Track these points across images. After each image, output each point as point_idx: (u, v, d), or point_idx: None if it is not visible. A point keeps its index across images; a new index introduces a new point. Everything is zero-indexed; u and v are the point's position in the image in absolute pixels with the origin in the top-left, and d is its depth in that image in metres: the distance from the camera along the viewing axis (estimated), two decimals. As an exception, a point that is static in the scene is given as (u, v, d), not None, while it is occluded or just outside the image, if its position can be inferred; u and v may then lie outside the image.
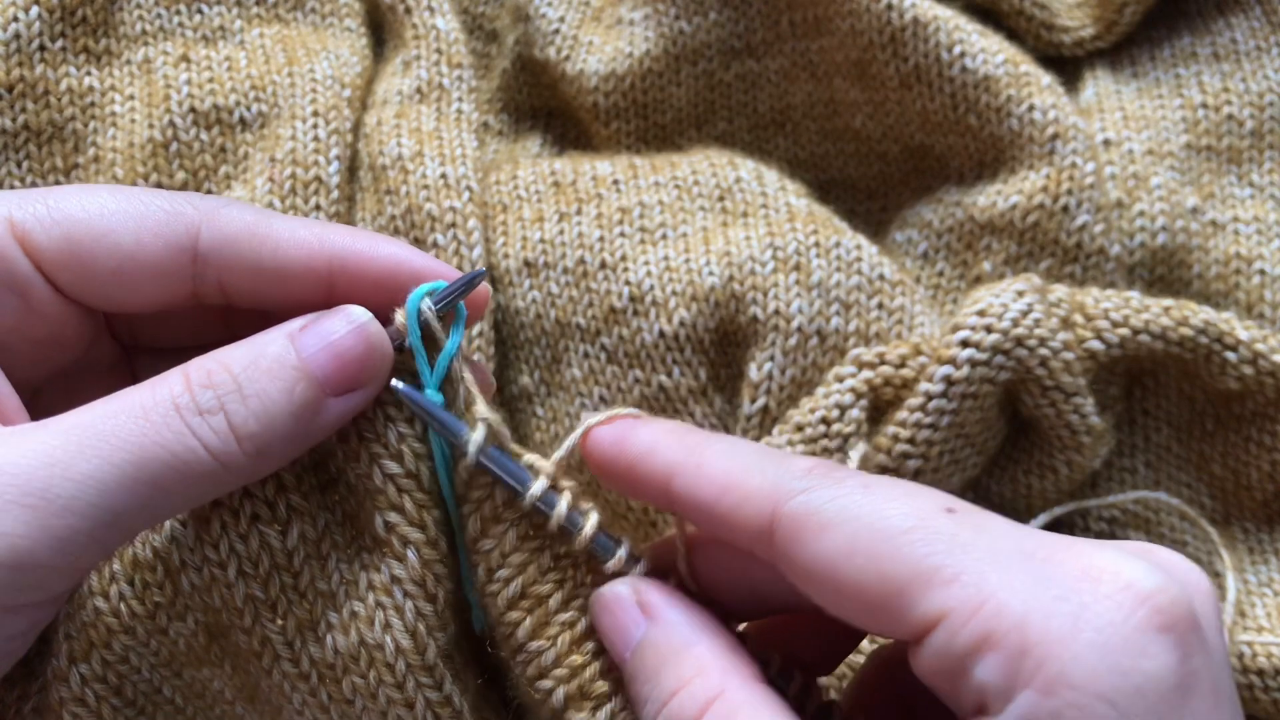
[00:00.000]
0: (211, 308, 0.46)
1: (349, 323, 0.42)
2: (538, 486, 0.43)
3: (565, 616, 0.44)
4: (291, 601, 0.44)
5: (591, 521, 0.43)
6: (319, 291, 0.44)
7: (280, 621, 0.44)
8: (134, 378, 0.48)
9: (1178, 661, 0.34)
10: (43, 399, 0.44)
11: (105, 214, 0.43)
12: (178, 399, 0.39)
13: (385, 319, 0.43)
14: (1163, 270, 0.67)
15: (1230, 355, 0.58)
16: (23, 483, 0.36)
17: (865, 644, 0.50)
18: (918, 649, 0.36)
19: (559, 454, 0.44)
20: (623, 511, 0.61)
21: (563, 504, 0.43)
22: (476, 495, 0.43)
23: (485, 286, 0.45)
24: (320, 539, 0.44)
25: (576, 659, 0.43)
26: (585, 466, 0.45)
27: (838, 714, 0.44)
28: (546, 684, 0.43)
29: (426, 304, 0.43)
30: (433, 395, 0.43)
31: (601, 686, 0.43)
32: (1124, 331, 0.57)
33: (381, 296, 0.44)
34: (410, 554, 0.43)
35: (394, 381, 0.43)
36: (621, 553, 0.43)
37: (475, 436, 0.43)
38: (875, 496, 0.38)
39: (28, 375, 0.43)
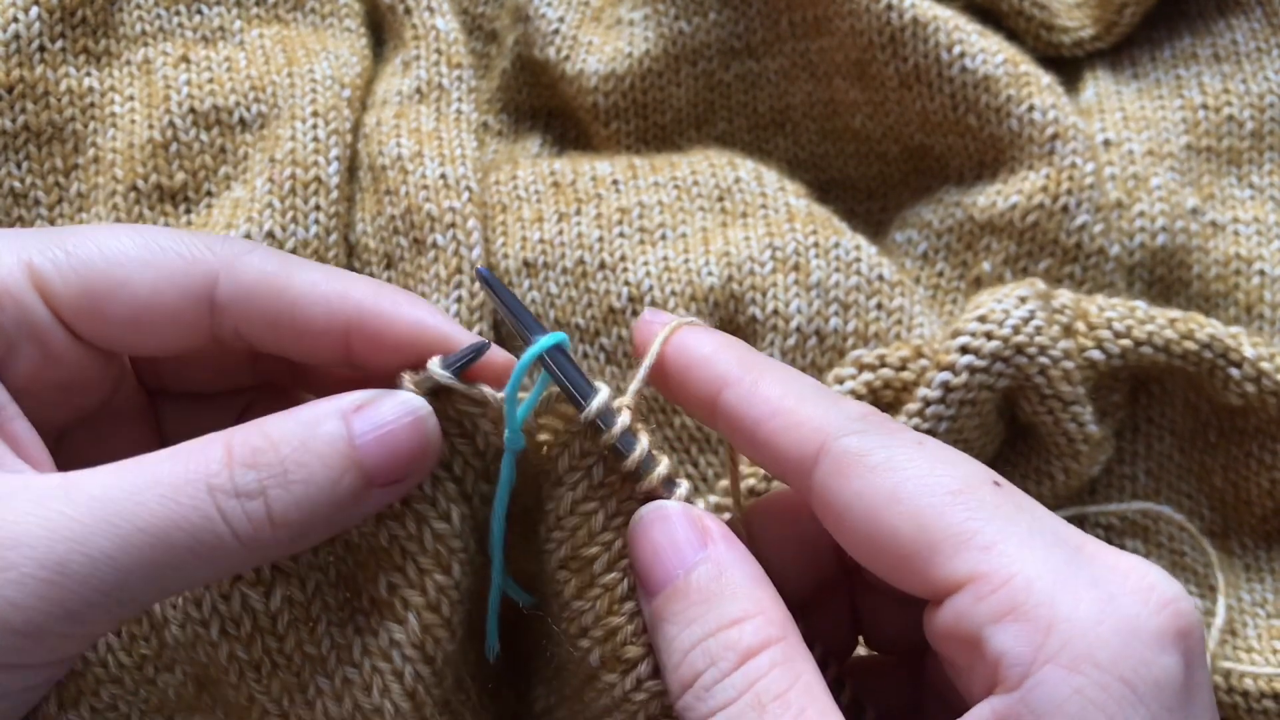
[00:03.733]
0: (235, 349, 0.45)
1: (408, 413, 0.40)
2: (623, 417, 0.42)
3: (609, 577, 0.43)
4: (277, 664, 0.43)
5: (664, 463, 0.42)
6: (337, 350, 0.43)
7: (265, 683, 0.43)
8: (159, 422, 0.48)
9: (1187, 666, 0.35)
10: (68, 443, 0.43)
11: (123, 261, 0.42)
12: (213, 479, 0.37)
13: (397, 382, 0.42)
14: (1162, 271, 0.67)
15: (1234, 372, 0.57)
16: (40, 555, 0.35)
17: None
18: (936, 609, 0.37)
19: (639, 377, 0.43)
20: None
21: (644, 440, 0.42)
22: (573, 478, 0.43)
23: (504, 358, 0.44)
24: (310, 601, 0.43)
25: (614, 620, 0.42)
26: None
27: (870, 714, 0.44)
28: (584, 643, 0.42)
29: (439, 368, 0.41)
30: (513, 438, 0.42)
31: (632, 651, 0.42)
32: (1126, 343, 0.57)
33: (399, 360, 0.42)
34: (411, 617, 0.42)
35: (479, 268, 0.42)
36: (682, 491, 0.42)
37: (544, 340, 0.41)
38: (928, 454, 0.39)
39: (51, 419, 0.43)
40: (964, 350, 0.56)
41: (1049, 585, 0.35)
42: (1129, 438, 0.62)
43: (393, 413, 0.40)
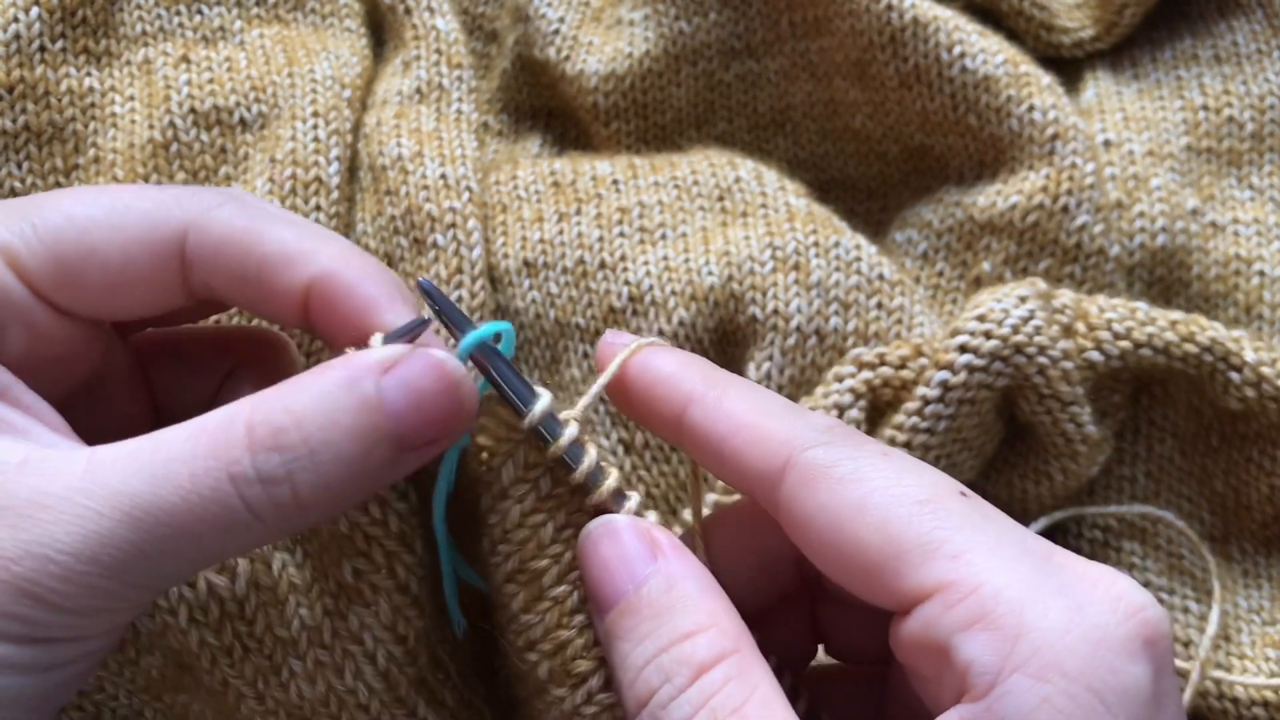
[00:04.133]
0: (215, 304, 0.45)
1: (442, 377, 0.38)
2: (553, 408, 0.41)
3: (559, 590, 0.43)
4: (248, 649, 0.43)
5: (614, 475, 0.42)
6: (297, 313, 0.42)
7: (238, 668, 0.43)
8: (148, 379, 0.47)
9: (1155, 674, 0.35)
10: (69, 412, 0.42)
11: (91, 227, 0.41)
12: (233, 466, 0.36)
13: (340, 351, 0.41)
14: (1162, 271, 0.67)
15: (1234, 376, 0.57)
16: (75, 550, 0.35)
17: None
18: (904, 619, 0.37)
19: (591, 392, 0.43)
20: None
21: (592, 451, 0.41)
22: (520, 490, 0.42)
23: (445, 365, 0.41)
24: (276, 584, 0.43)
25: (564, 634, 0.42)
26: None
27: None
28: (532, 656, 0.42)
29: (379, 341, 0.40)
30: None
31: (583, 665, 0.42)
32: (1125, 344, 0.57)
33: (351, 333, 0.42)
34: (382, 601, 0.42)
35: (420, 279, 0.41)
36: (632, 504, 0.42)
37: (470, 337, 0.41)
38: (894, 465, 0.39)
39: (50, 393, 0.42)
40: (963, 349, 0.56)
41: (1017, 594, 0.35)
42: (1130, 439, 0.62)
43: (425, 373, 0.38)
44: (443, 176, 0.64)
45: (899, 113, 0.69)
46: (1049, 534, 0.60)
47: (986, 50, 0.66)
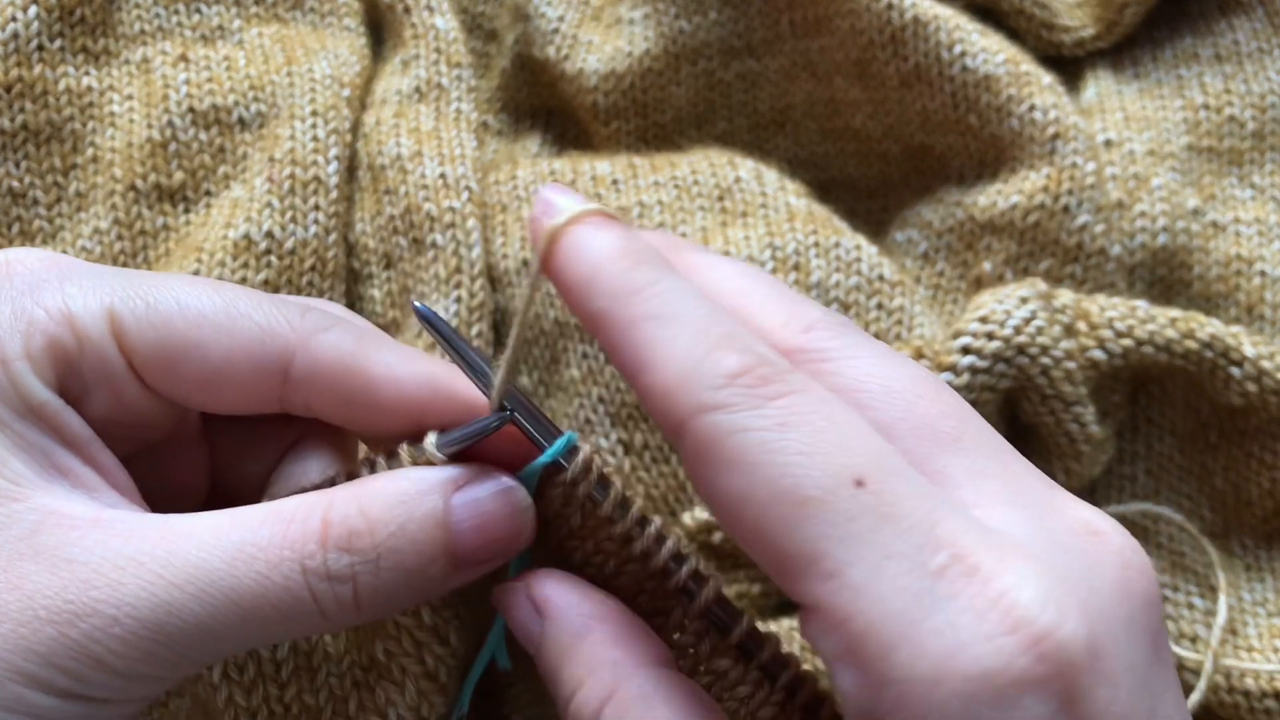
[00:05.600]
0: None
1: (509, 504, 0.40)
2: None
3: None
4: (274, 713, 0.43)
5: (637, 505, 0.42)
6: (407, 428, 0.43)
7: None
8: (212, 446, 0.47)
9: (1056, 711, 0.32)
10: (131, 467, 0.43)
11: (201, 323, 0.41)
12: (308, 560, 0.38)
13: (418, 436, 0.41)
14: (1163, 271, 0.66)
15: (1235, 371, 0.57)
16: (143, 617, 0.37)
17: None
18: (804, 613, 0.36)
19: (513, 338, 0.41)
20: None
21: (617, 485, 0.42)
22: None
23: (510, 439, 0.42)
24: (312, 650, 0.43)
25: None
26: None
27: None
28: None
29: (432, 443, 0.41)
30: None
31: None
32: (1128, 342, 0.57)
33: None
34: (409, 683, 0.43)
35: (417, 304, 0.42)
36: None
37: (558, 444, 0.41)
38: (789, 441, 0.34)
39: (118, 451, 0.43)
40: (966, 351, 0.55)
41: (888, 633, 0.32)
42: (1129, 438, 0.62)
43: (492, 498, 0.40)
44: (442, 176, 0.64)
45: (899, 112, 0.69)
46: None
47: (987, 49, 0.66)
